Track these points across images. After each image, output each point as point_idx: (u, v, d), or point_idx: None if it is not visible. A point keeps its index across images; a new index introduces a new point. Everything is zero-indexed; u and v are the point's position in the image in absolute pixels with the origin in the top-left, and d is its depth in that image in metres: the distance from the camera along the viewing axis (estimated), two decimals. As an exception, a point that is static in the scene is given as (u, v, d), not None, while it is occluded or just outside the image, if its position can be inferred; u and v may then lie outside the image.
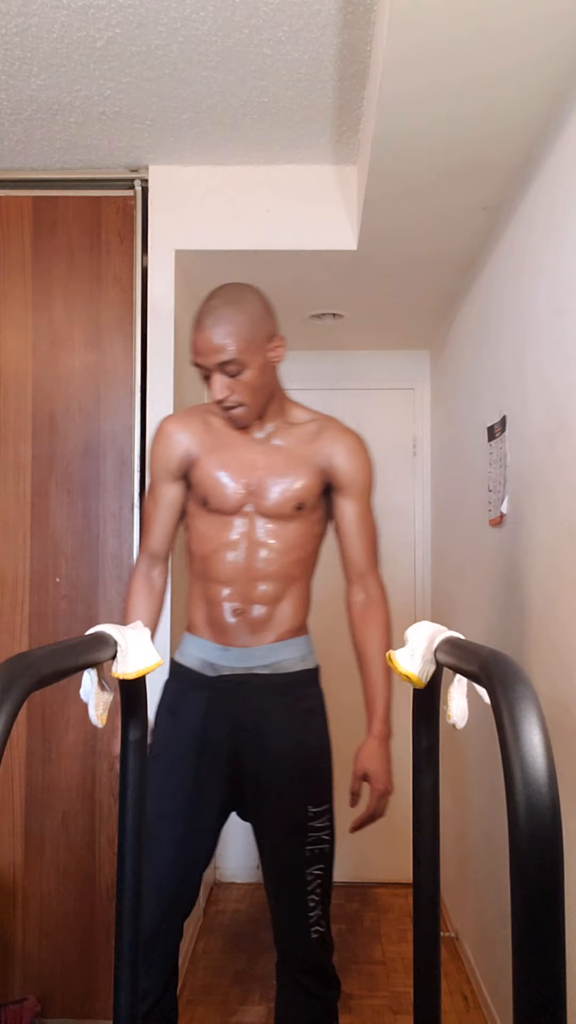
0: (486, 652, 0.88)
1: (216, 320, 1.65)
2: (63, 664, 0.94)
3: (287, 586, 1.78)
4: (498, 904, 2.31)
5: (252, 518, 1.75)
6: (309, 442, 1.78)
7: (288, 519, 1.76)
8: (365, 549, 1.82)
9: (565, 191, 1.71)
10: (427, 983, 1.19)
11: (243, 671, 1.75)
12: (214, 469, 1.75)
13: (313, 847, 1.72)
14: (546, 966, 0.69)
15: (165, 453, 1.79)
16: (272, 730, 1.74)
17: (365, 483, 1.80)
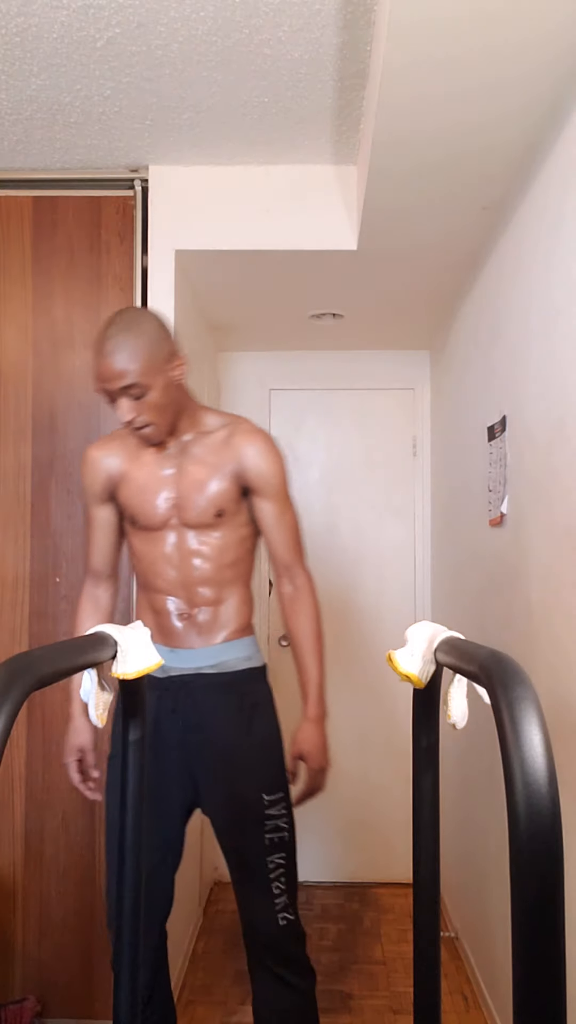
0: (486, 652, 0.88)
1: (115, 347, 1.69)
2: (63, 664, 0.94)
3: (224, 589, 1.85)
4: (498, 904, 2.31)
5: (179, 530, 1.83)
6: (221, 448, 1.83)
7: (212, 527, 1.82)
8: (287, 544, 1.88)
9: (565, 191, 1.71)
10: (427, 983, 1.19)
11: (190, 671, 1.81)
12: (136, 489, 1.83)
13: (272, 835, 1.75)
14: (546, 966, 0.69)
15: (90, 478, 1.88)
16: (217, 726, 1.79)
17: (279, 481, 1.86)
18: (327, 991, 2.63)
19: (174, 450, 1.84)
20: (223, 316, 3.16)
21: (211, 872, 3.42)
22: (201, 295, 2.91)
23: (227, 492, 1.81)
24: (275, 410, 3.62)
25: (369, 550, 3.59)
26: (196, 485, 1.81)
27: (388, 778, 3.48)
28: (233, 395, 3.62)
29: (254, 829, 1.74)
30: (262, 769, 1.78)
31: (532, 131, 1.83)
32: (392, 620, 3.55)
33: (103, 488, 1.87)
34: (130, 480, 1.84)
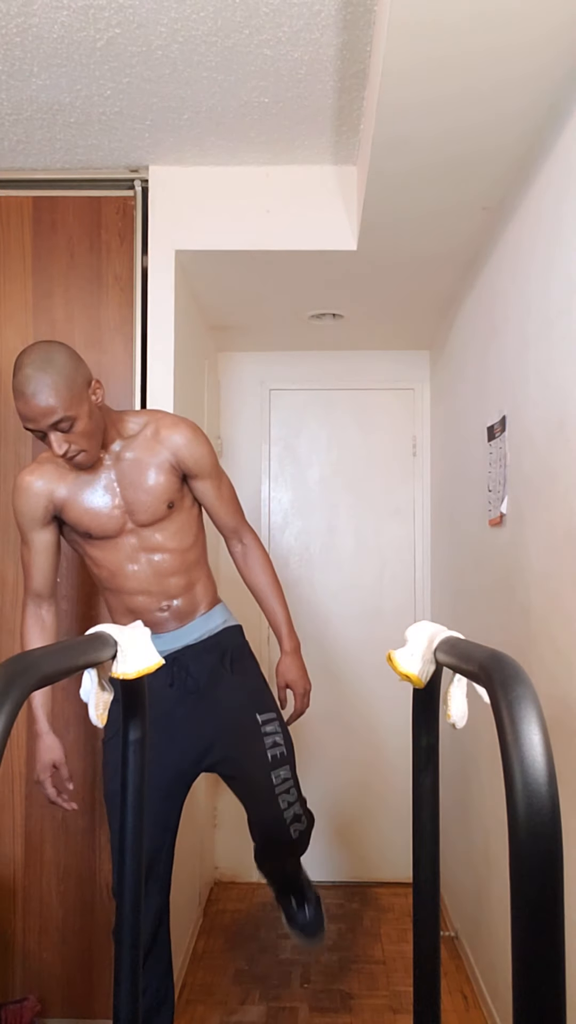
0: (486, 652, 0.88)
1: (36, 388, 1.73)
2: (63, 664, 0.94)
3: (192, 572, 2.00)
4: (498, 904, 2.31)
5: (136, 532, 1.93)
6: (151, 445, 1.93)
7: (166, 519, 1.94)
8: (231, 512, 2.07)
9: (565, 192, 1.71)
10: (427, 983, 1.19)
11: (179, 647, 1.98)
12: (84, 505, 1.91)
13: (272, 751, 1.96)
14: (546, 966, 0.69)
15: (29, 505, 1.93)
16: (210, 681, 1.98)
17: (211, 460, 2.00)
18: (327, 991, 2.63)
19: (109, 461, 1.92)
20: (223, 316, 3.16)
21: (211, 872, 3.42)
22: (201, 295, 2.91)
23: (170, 483, 1.93)
24: (275, 410, 3.62)
25: (369, 550, 3.59)
26: (140, 486, 1.90)
27: (388, 778, 3.48)
28: (233, 395, 3.62)
29: (256, 746, 1.94)
30: (250, 697, 2.00)
31: (532, 132, 1.83)
32: (392, 620, 3.55)
33: (45, 513, 1.93)
34: (75, 499, 1.90)
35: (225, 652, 2.01)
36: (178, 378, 2.54)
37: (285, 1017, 2.49)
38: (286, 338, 3.44)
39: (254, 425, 3.60)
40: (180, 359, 2.57)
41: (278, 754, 1.96)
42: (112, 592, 1.99)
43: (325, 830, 3.50)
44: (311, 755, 3.43)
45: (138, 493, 1.90)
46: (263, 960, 2.80)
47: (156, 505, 1.91)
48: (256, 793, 1.97)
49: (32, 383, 1.73)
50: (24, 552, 1.98)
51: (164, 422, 1.96)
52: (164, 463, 1.92)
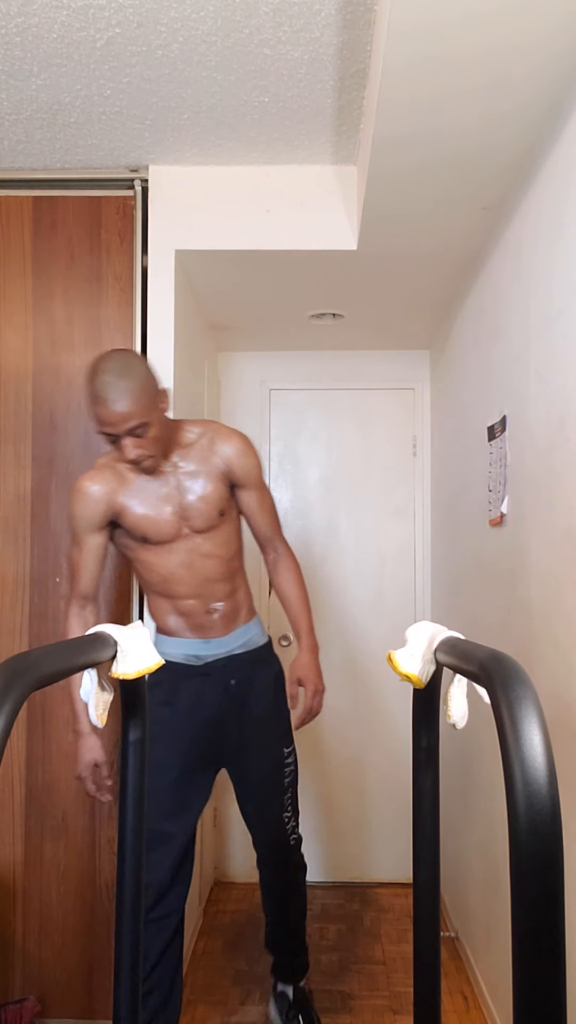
0: (486, 652, 0.88)
1: (118, 394, 1.83)
2: (63, 664, 0.94)
3: (236, 580, 2.14)
4: (498, 904, 2.31)
5: (190, 538, 2.04)
6: (206, 455, 2.05)
7: (217, 527, 2.06)
8: (270, 523, 2.19)
9: (565, 191, 1.71)
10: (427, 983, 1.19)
11: (224, 654, 2.11)
12: (143, 511, 1.99)
13: (288, 777, 2.18)
14: (546, 966, 0.69)
15: (87, 510, 1.99)
16: (252, 694, 2.14)
17: (258, 472, 2.13)
18: (327, 991, 2.63)
19: (168, 468, 2.02)
20: (223, 316, 3.16)
21: (211, 872, 3.42)
22: (201, 295, 2.91)
23: (222, 492, 2.05)
24: (275, 410, 3.62)
25: (369, 550, 3.59)
26: (200, 494, 2.02)
27: (388, 778, 3.48)
28: (233, 395, 3.62)
29: (276, 774, 2.15)
30: (279, 729, 2.18)
31: (532, 131, 1.83)
32: (392, 620, 3.55)
33: (103, 517, 2.00)
34: (133, 505, 1.99)
35: (270, 667, 2.19)
36: (178, 378, 2.54)
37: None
38: (286, 338, 3.44)
39: (254, 425, 3.60)
40: (180, 359, 2.57)
41: (289, 781, 2.19)
42: (162, 596, 2.08)
43: (325, 830, 3.50)
44: (311, 755, 3.43)
45: (195, 500, 2.01)
46: (263, 960, 2.80)
47: (211, 512, 2.03)
48: (264, 806, 2.18)
49: (113, 389, 1.82)
50: (74, 554, 2.03)
51: (220, 433, 2.08)
52: (217, 472, 2.03)
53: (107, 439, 1.90)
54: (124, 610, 2.45)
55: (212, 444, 2.05)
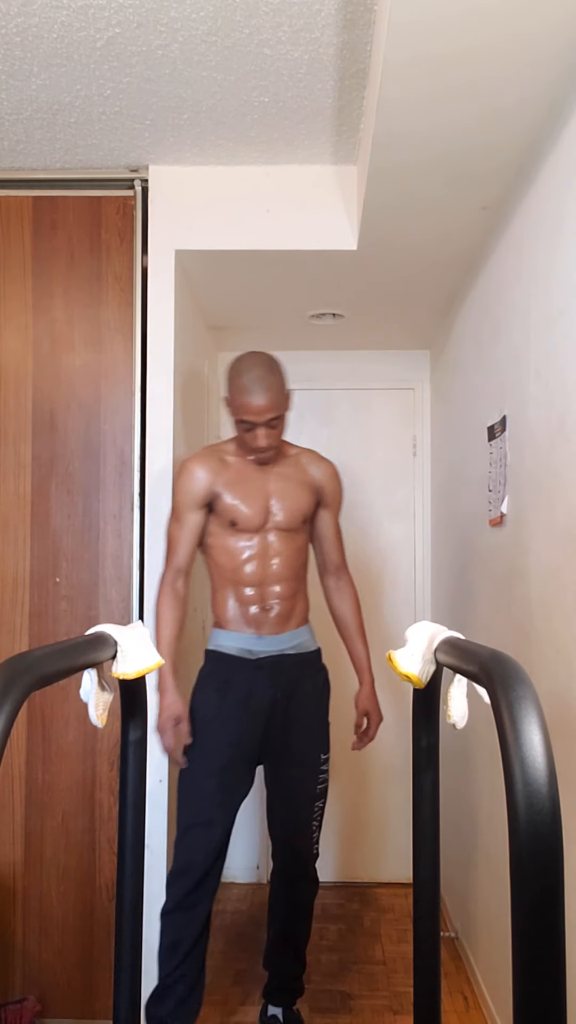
0: (486, 652, 0.88)
1: (266, 387, 2.11)
2: (63, 664, 0.94)
3: (298, 584, 2.28)
4: (498, 904, 2.31)
5: (272, 532, 2.23)
6: (300, 469, 2.29)
7: (296, 531, 2.26)
8: (339, 549, 2.40)
9: (565, 191, 1.71)
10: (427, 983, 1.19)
11: (276, 653, 2.23)
12: (238, 497, 2.19)
13: (320, 786, 2.26)
14: (546, 966, 0.69)
15: (191, 487, 2.20)
16: (300, 697, 2.23)
17: (340, 501, 2.38)
18: (327, 991, 2.63)
19: (267, 466, 2.25)
20: (223, 316, 3.16)
21: (211, 872, 3.41)
22: (201, 295, 2.91)
23: (310, 503, 2.28)
24: (275, 410, 3.61)
25: (369, 550, 3.58)
26: (290, 496, 2.24)
27: (388, 778, 3.48)
28: (233, 395, 3.61)
29: (311, 780, 2.24)
30: (321, 736, 2.28)
31: (532, 129, 1.83)
32: (392, 620, 3.55)
33: (204, 497, 2.20)
34: (231, 490, 2.19)
35: (319, 673, 2.31)
36: (178, 378, 2.54)
37: (285, 1017, 2.49)
38: (286, 338, 3.44)
39: (254, 425, 3.59)
40: (180, 359, 2.57)
41: (323, 789, 2.27)
42: (229, 582, 2.23)
43: (325, 831, 3.49)
44: (311, 755, 3.42)
45: (285, 501, 2.22)
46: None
47: (296, 515, 2.24)
48: (295, 811, 2.25)
49: (263, 383, 2.10)
50: (174, 529, 2.23)
51: (315, 455, 2.36)
52: (311, 487, 2.28)
53: (243, 427, 2.14)
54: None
55: (310, 462, 2.32)
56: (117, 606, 2.44)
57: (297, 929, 2.35)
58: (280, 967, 2.36)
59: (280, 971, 2.36)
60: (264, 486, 2.22)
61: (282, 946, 2.36)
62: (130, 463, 2.45)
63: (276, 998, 2.36)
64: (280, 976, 2.36)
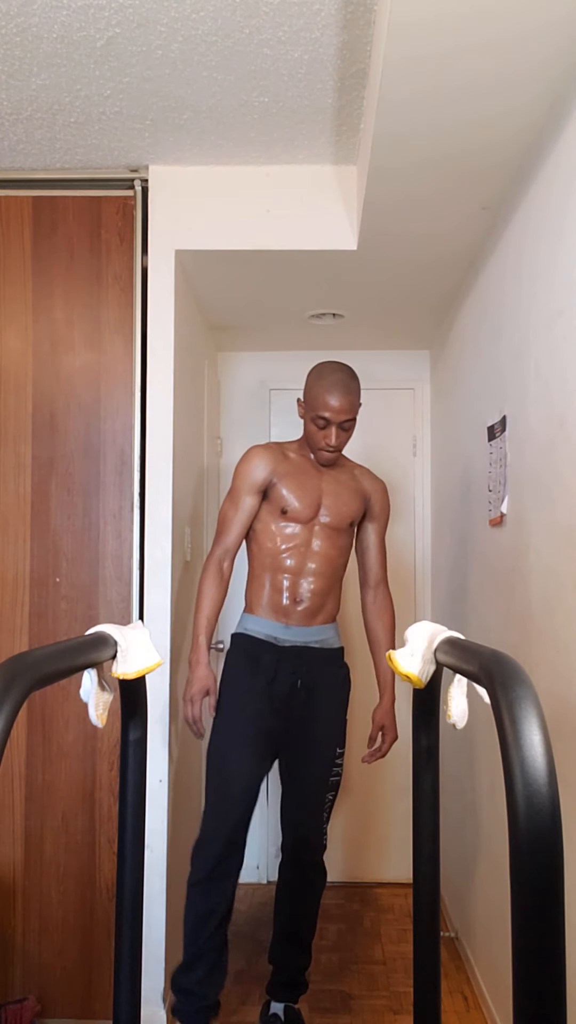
0: (486, 652, 0.88)
1: (347, 391, 2.30)
2: (63, 664, 0.94)
3: (332, 583, 2.38)
4: (498, 904, 2.31)
5: (317, 527, 2.36)
6: (353, 479, 2.45)
7: (341, 531, 2.39)
8: (382, 563, 2.51)
9: (565, 191, 1.71)
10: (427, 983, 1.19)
11: (300, 643, 2.33)
12: (293, 489, 2.34)
13: (333, 778, 2.33)
14: (546, 966, 0.69)
15: (253, 473, 2.34)
16: (320, 689, 2.33)
17: (387, 516, 2.51)
18: (327, 991, 2.63)
19: (319, 468, 2.40)
20: (223, 316, 3.16)
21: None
22: (201, 295, 2.91)
23: (358, 509, 2.42)
24: (275, 410, 3.62)
25: (369, 550, 3.58)
26: (341, 498, 2.38)
27: (388, 778, 3.48)
28: (233, 395, 3.62)
29: (324, 770, 2.31)
30: (339, 729, 2.36)
31: (532, 129, 1.83)
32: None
33: (262, 482, 2.34)
34: (288, 482, 2.33)
35: (340, 668, 2.41)
36: (178, 378, 2.54)
37: (285, 1017, 2.49)
38: (286, 338, 3.44)
39: (254, 425, 3.59)
40: (180, 359, 2.57)
41: (334, 782, 2.34)
42: (267, 568, 2.35)
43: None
44: (311, 755, 3.42)
45: (336, 502, 2.37)
46: (263, 960, 2.80)
47: (344, 516, 2.38)
48: (307, 801, 2.31)
49: (344, 387, 2.30)
50: (229, 510, 2.35)
51: (368, 472, 2.51)
52: (362, 496, 2.43)
53: (318, 423, 2.30)
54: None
55: (363, 476, 2.48)
56: (117, 606, 2.44)
57: (304, 921, 2.38)
58: (286, 960, 2.38)
59: (286, 964, 2.38)
60: (318, 484, 2.37)
61: (289, 938, 2.39)
62: (130, 463, 2.45)
63: (280, 993, 2.37)
64: (286, 969, 2.38)
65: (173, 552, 2.47)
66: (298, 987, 2.39)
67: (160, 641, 2.42)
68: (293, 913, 2.38)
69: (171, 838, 2.43)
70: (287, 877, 2.39)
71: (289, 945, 2.39)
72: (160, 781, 2.39)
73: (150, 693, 2.08)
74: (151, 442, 2.46)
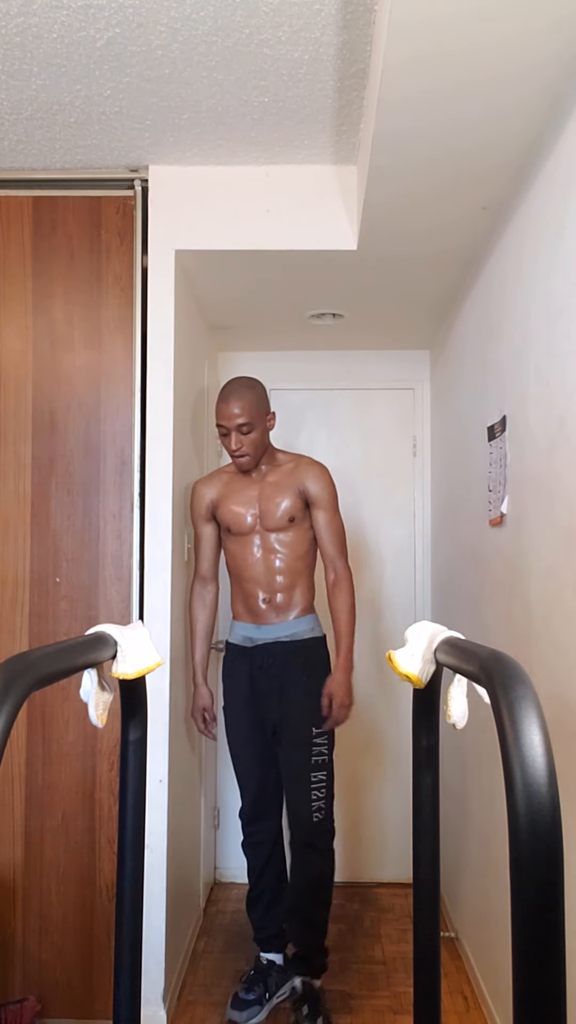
0: (486, 652, 0.88)
1: (236, 398, 2.46)
2: (63, 664, 0.94)
3: (296, 578, 2.54)
4: (498, 904, 2.31)
5: (262, 534, 2.53)
6: (289, 475, 2.56)
7: (286, 529, 2.53)
8: (333, 542, 2.58)
9: (565, 191, 1.71)
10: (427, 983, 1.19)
11: (271, 640, 2.53)
12: (231, 506, 2.55)
13: (316, 757, 2.47)
14: (546, 966, 0.69)
15: (198, 504, 2.61)
16: (289, 678, 2.51)
17: (329, 497, 2.56)
18: (327, 991, 2.63)
19: (256, 477, 2.57)
20: (223, 316, 3.16)
21: (211, 872, 3.42)
22: (201, 295, 2.91)
23: (295, 504, 2.52)
24: (275, 410, 3.61)
25: (369, 550, 3.59)
26: (274, 499, 2.52)
27: (388, 778, 3.48)
28: (233, 395, 3.61)
29: (304, 751, 2.47)
30: (313, 711, 2.47)
31: (532, 129, 1.83)
32: (392, 620, 3.55)
33: (207, 510, 2.60)
34: (226, 501, 2.55)
35: (307, 660, 2.53)
36: (178, 378, 2.54)
37: (285, 1017, 2.49)
38: (286, 338, 3.44)
39: (254, 425, 3.59)
40: (180, 359, 2.57)
41: (318, 761, 2.47)
42: (235, 580, 2.58)
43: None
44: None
45: (269, 504, 2.51)
46: (263, 960, 2.80)
47: (281, 516, 2.51)
48: (293, 780, 2.49)
49: (235, 394, 2.46)
50: (195, 542, 2.65)
51: (304, 460, 2.59)
52: (295, 489, 2.52)
53: (221, 432, 2.49)
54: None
55: (296, 468, 2.56)
56: (117, 606, 2.44)
57: (304, 896, 2.53)
58: (295, 935, 2.57)
59: (296, 939, 2.57)
60: (254, 494, 2.54)
61: (294, 913, 2.57)
62: (130, 463, 2.45)
63: (295, 966, 2.56)
64: (297, 944, 2.57)
65: (173, 552, 2.47)
66: (311, 963, 2.53)
67: (160, 641, 2.42)
68: (295, 887, 2.55)
69: (171, 838, 2.44)
70: (292, 856, 2.59)
71: (294, 920, 2.56)
72: (160, 781, 2.39)
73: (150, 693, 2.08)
74: (151, 442, 2.46)
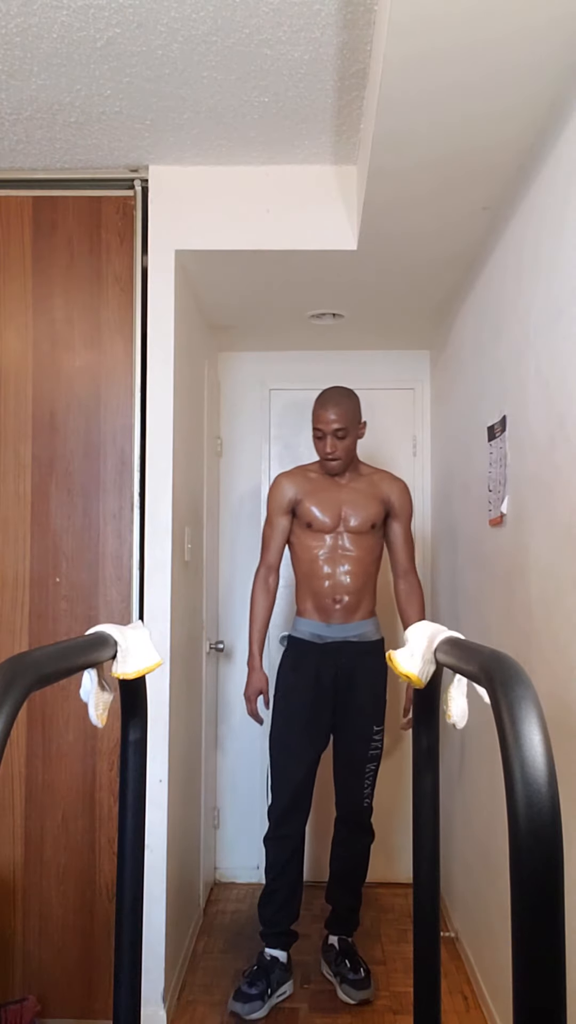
0: (486, 652, 0.88)
1: (335, 404, 2.65)
2: (63, 664, 0.94)
3: (366, 581, 2.71)
4: (498, 904, 2.31)
5: (343, 535, 2.70)
6: (374, 485, 2.76)
7: (365, 534, 2.70)
8: (409, 553, 2.80)
9: (565, 191, 1.71)
10: (427, 983, 1.19)
11: (340, 639, 2.69)
12: (316, 504, 2.71)
13: (372, 751, 2.69)
14: (546, 966, 0.69)
15: (280, 496, 2.75)
16: (358, 677, 2.68)
17: (408, 513, 2.80)
18: (328, 991, 2.63)
19: (341, 481, 2.75)
20: (223, 316, 3.16)
21: (211, 872, 3.42)
22: (201, 295, 2.91)
23: (378, 512, 2.72)
24: (275, 410, 3.62)
25: (369, 550, 3.58)
26: (360, 505, 2.71)
27: (387, 778, 3.47)
28: (233, 395, 3.62)
29: (364, 745, 2.68)
30: (376, 710, 2.70)
31: (532, 128, 1.83)
32: (392, 620, 3.54)
33: (288, 504, 2.73)
34: (310, 499, 2.71)
35: (376, 660, 2.68)
36: (178, 378, 2.54)
37: (285, 1017, 2.49)
38: (286, 338, 3.44)
39: (254, 425, 3.60)
40: (180, 359, 2.57)
41: (373, 754, 2.69)
42: (305, 577, 2.72)
43: (326, 831, 3.49)
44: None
45: (355, 509, 2.70)
46: (263, 960, 2.80)
47: (364, 520, 2.69)
48: (350, 770, 2.69)
49: (333, 401, 2.64)
50: (267, 531, 2.78)
51: (387, 475, 2.81)
52: (379, 499, 2.73)
53: (317, 435, 2.68)
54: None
55: (382, 480, 2.77)
56: (117, 606, 2.44)
57: (351, 867, 2.77)
58: (336, 898, 2.79)
59: (337, 902, 2.79)
60: (338, 496, 2.71)
61: (338, 880, 2.80)
62: (130, 463, 2.45)
63: (335, 927, 2.78)
64: (337, 907, 2.78)
65: (173, 552, 2.47)
66: (348, 924, 2.78)
67: (160, 641, 2.42)
68: (340, 856, 2.78)
69: (171, 838, 2.44)
70: (338, 830, 2.79)
71: (337, 886, 2.79)
72: (160, 781, 2.39)
73: (150, 693, 2.08)
74: (151, 442, 2.46)
